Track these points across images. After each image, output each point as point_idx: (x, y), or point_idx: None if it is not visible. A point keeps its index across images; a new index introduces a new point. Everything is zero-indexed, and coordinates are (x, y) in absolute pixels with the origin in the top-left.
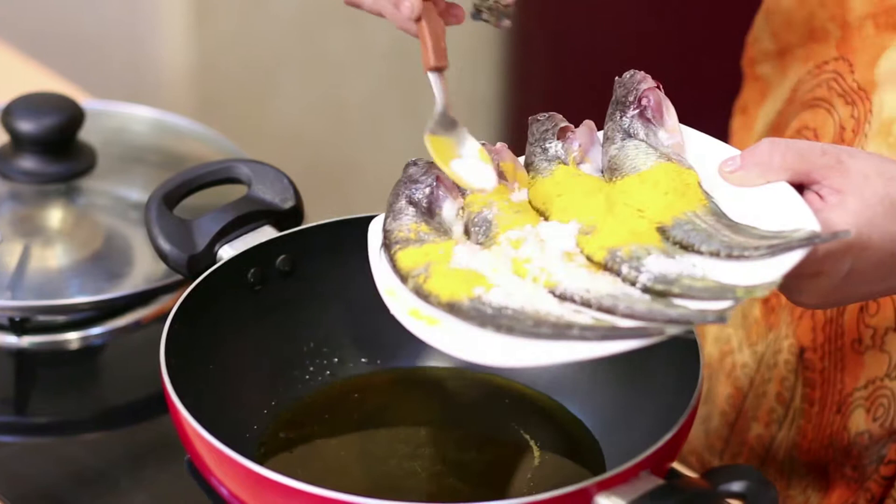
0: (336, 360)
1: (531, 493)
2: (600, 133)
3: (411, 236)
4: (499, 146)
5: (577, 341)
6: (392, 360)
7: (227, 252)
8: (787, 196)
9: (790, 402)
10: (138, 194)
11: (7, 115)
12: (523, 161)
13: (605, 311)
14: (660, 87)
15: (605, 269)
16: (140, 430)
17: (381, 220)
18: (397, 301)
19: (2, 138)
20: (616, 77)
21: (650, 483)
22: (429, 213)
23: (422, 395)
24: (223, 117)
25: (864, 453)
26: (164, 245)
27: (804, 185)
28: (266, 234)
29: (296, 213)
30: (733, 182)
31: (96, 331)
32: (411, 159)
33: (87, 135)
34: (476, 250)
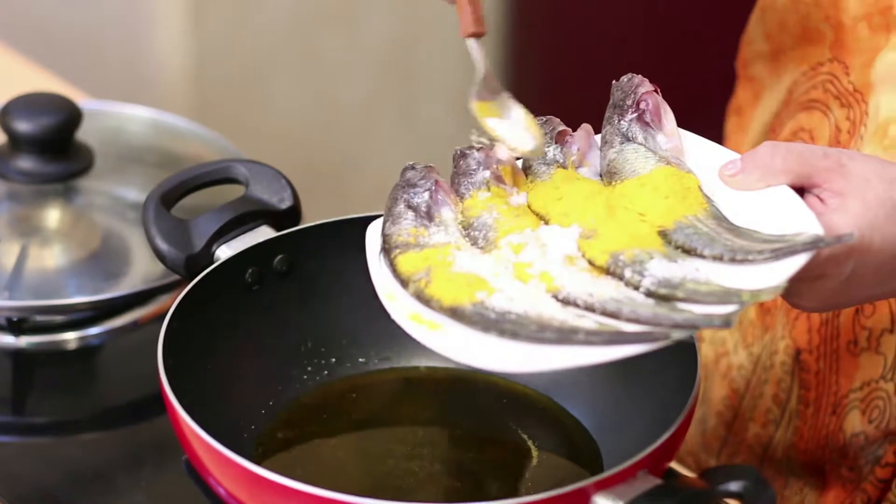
0: (334, 359)
1: (529, 492)
2: (598, 137)
3: (411, 241)
4: (497, 149)
5: (583, 346)
6: (390, 360)
7: (224, 252)
8: (788, 199)
9: (786, 404)
10: (136, 194)
11: (4, 115)
12: (522, 164)
13: (609, 315)
14: (657, 91)
15: (608, 274)
16: (138, 430)
17: (379, 224)
18: (398, 306)
19: None
20: (613, 81)
21: (648, 483)
22: (428, 217)
23: (420, 395)
24: (221, 117)
25: (860, 454)
26: (162, 245)
27: (805, 189)
28: (263, 233)
29: (293, 213)
30: (734, 185)
31: (94, 331)
32: (409, 163)
33: (84, 135)
34: (477, 254)
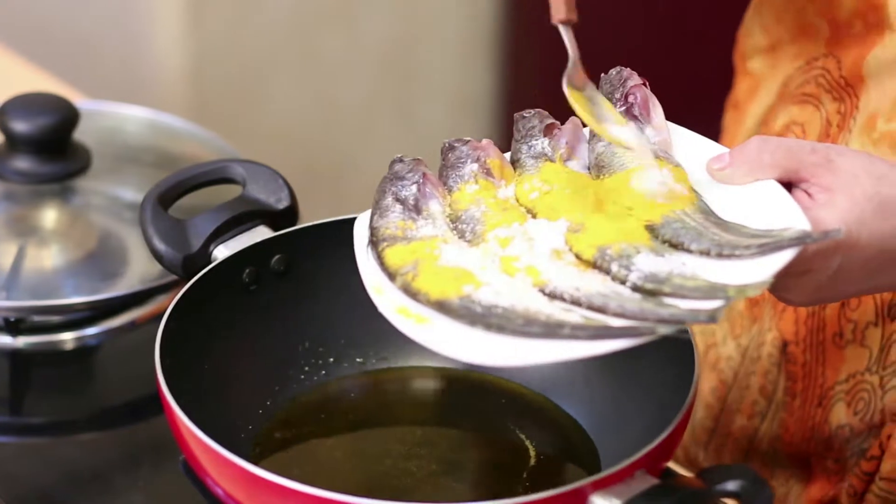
0: (331, 359)
1: (527, 492)
2: (587, 130)
3: (398, 234)
4: (485, 142)
5: (568, 340)
6: (387, 360)
7: (221, 252)
8: (776, 194)
9: (773, 395)
10: (133, 194)
11: (1, 115)
12: (510, 157)
13: (596, 309)
14: (646, 84)
15: (595, 268)
16: (135, 430)
17: (366, 217)
18: (385, 299)
19: None
20: (602, 74)
21: (645, 483)
22: (416, 209)
23: (417, 395)
24: (218, 117)
25: (846, 446)
26: (159, 245)
27: (793, 183)
28: (261, 234)
29: (290, 213)
30: (722, 179)
31: (91, 331)
32: (397, 156)
33: (81, 135)
34: (464, 248)
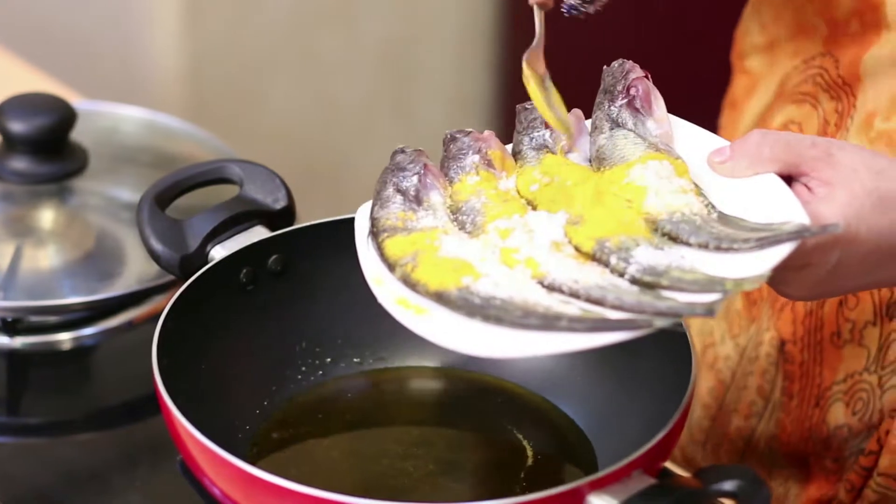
0: (328, 359)
1: (524, 492)
2: (588, 122)
3: (399, 224)
4: (486, 134)
5: (566, 333)
6: (384, 360)
7: (219, 252)
8: (775, 188)
9: (770, 395)
10: (130, 194)
11: None
12: (511, 149)
13: (594, 302)
14: (648, 77)
15: (594, 260)
16: (133, 431)
17: (368, 207)
18: (385, 290)
19: None
20: (604, 66)
21: (642, 482)
22: (416, 201)
23: (414, 395)
24: (215, 118)
25: (844, 446)
26: (156, 245)
27: (793, 177)
28: (258, 234)
29: (288, 213)
30: (722, 173)
31: (88, 331)
32: (398, 147)
33: (78, 135)
34: (464, 239)
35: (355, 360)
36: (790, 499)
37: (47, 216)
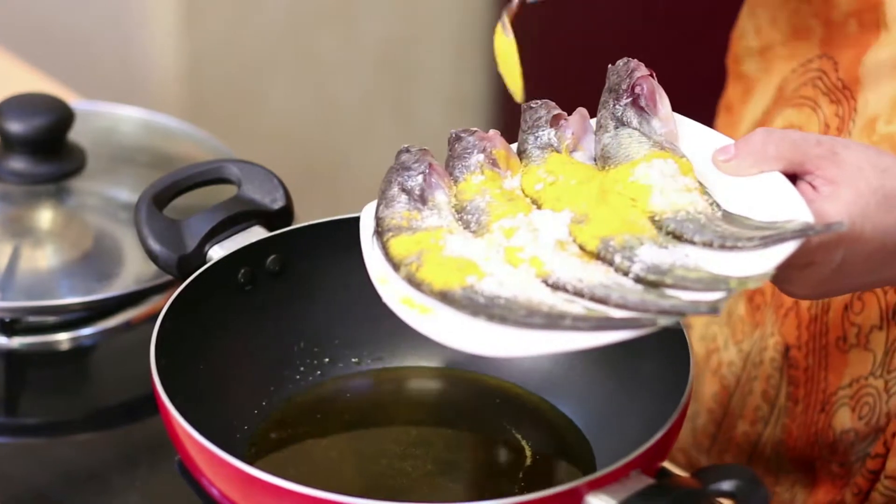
0: (327, 360)
1: (522, 492)
2: (593, 121)
3: (403, 224)
4: (491, 133)
5: (570, 331)
6: (383, 360)
7: (217, 252)
8: (780, 186)
9: (775, 400)
10: (128, 195)
11: None
12: (516, 148)
13: (598, 300)
14: (653, 75)
15: (598, 259)
16: (131, 431)
17: (373, 206)
18: (389, 289)
19: None
20: (609, 65)
21: (640, 482)
22: (421, 200)
23: (413, 395)
24: (213, 118)
25: (850, 450)
26: (154, 245)
27: (797, 176)
28: (256, 234)
29: (286, 214)
30: (727, 171)
31: (87, 331)
32: (404, 146)
33: (76, 135)
34: (469, 238)
35: (353, 360)
36: None
37: (45, 216)
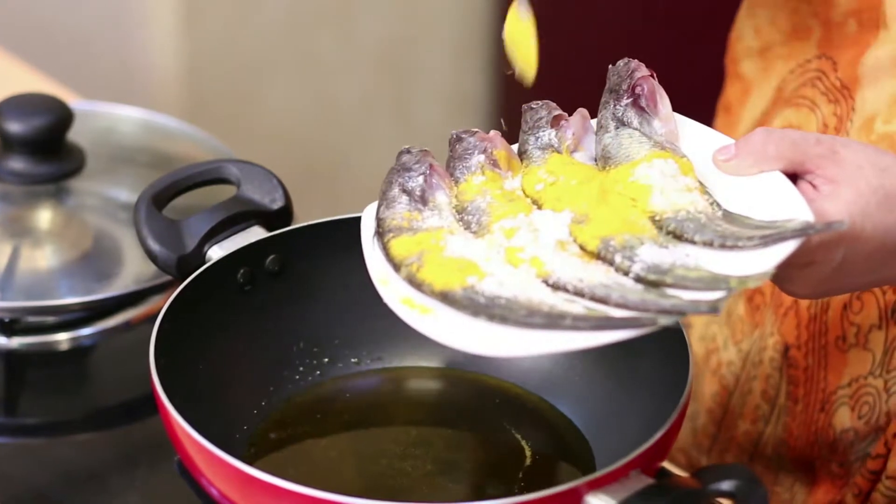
0: (326, 360)
1: (522, 492)
2: (594, 121)
3: (404, 224)
4: (492, 134)
5: (570, 331)
6: (382, 360)
7: (216, 252)
8: (780, 185)
9: (775, 400)
10: (127, 195)
11: None
12: (517, 149)
13: (598, 300)
14: (653, 76)
15: (599, 259)
16: (130, 431)
17: (374, 207)
18: (390, 290)
19: None
20: (610, 65)
21: (640, 482)
22: (422, 201)
23: (412, 395)
24: (212, 118)
25: (850, 450)
26: (154, 246)
27: (798, 175)
28: (255, 234)
29: (285, 214)
30: (727, 171)
31: (86, 331)
32: (405, 147)
33: (76, 135)
34: (469, 239)
35: (353, 360)
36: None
37: (45, 216)
